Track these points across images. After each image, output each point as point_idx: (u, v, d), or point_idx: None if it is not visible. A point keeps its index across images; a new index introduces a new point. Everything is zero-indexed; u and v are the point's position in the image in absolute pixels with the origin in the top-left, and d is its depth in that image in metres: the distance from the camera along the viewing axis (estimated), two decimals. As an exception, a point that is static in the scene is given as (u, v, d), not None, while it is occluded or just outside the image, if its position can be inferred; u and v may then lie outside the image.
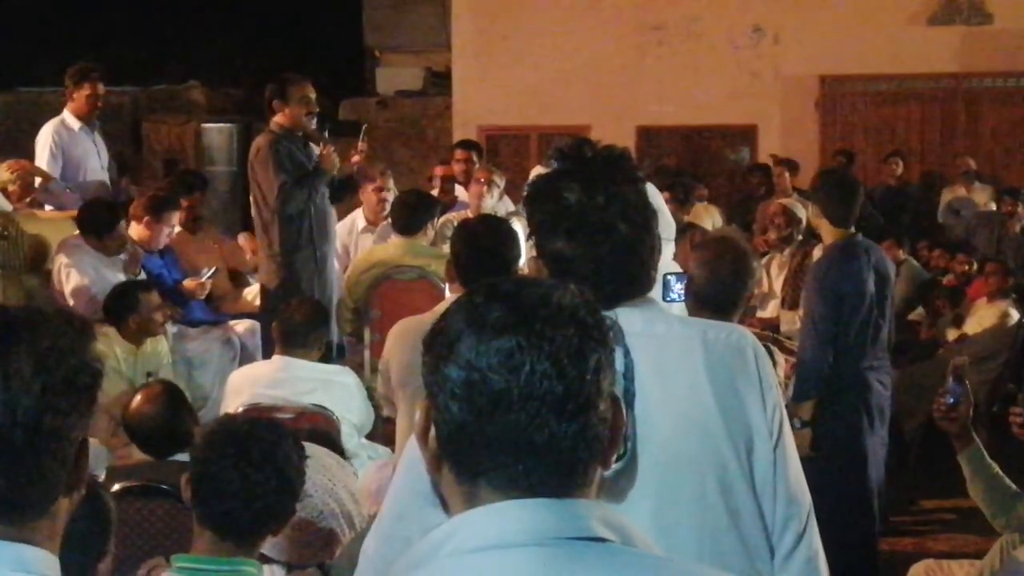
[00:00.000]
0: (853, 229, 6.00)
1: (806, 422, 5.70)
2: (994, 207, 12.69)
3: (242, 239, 9.71)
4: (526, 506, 1.56)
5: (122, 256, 7.62)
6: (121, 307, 6.73)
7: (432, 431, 1.64)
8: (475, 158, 10.19)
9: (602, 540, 1.56)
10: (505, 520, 1.56)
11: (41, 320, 1.78)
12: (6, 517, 1.71)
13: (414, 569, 1.59)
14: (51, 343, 1.74)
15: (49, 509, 1.76)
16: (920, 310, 9.99)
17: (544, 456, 1.57)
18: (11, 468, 1.70)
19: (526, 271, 5.97)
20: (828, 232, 6.00)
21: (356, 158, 7.91)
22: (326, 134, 7.65)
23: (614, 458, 2.25)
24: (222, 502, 3.12)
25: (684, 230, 8.31)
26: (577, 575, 1.52)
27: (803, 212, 8.98)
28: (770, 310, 8.79)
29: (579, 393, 1.58)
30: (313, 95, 7.56)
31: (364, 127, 8.13)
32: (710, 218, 10.93)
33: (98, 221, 7.52)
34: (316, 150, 7.56)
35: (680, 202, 9.53)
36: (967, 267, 10.12)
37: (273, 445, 3.20)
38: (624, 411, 2.27)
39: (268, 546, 3.54)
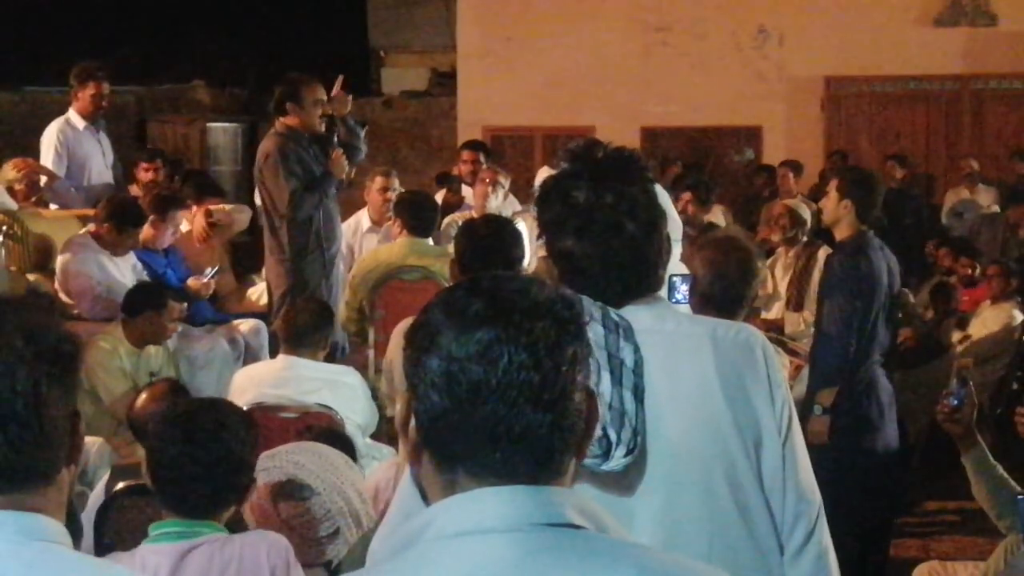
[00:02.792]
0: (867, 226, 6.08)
1: (827, 409, 5.75)
2: (997, 209, 12.68)
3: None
4: (502, 493, 1.62)
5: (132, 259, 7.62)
6: (144, 302, 6.72)
7: (413, 421, 1.69)
8: (482, 159, 10.19)
9: (576, 527, 1.61)
10: (482, 506, 1.61)
11: (17, 299, 1.87)
12: (17, 486, 1.78)
13: (396, 554, 1.66)
14: (33, 317, 1.83)
15: (55, 478, 1.83)
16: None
17: (520, 445, 1.63)
18: (17, 437, 1.77)
19: (531, 271, 5.98)
20: (848, 226, 6.04)
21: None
22: (335, 138, 7.56)
23: (623, 452, 2.29)
24: (180, 486, 3.26)
25: (705, 230, 8.32)
26: (551, 560, 1.57)
27: (808, 213, 8.98)
28: (774, 311, 8.78)
29: (555, 384, 1.63)
30: (325, 97, 7.50)
31: (364, 128, 8.04)
32: (713, 219, 10.92)
33: (131, 215, 7.53)
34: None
35: (702, 202, 9.54)
36: (970, 270, 10.11)
37: (218, 424, 3.31)
38: (632, 404, 2.32)
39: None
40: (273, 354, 6.89)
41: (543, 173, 8.18)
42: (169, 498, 3.28)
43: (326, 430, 4.99)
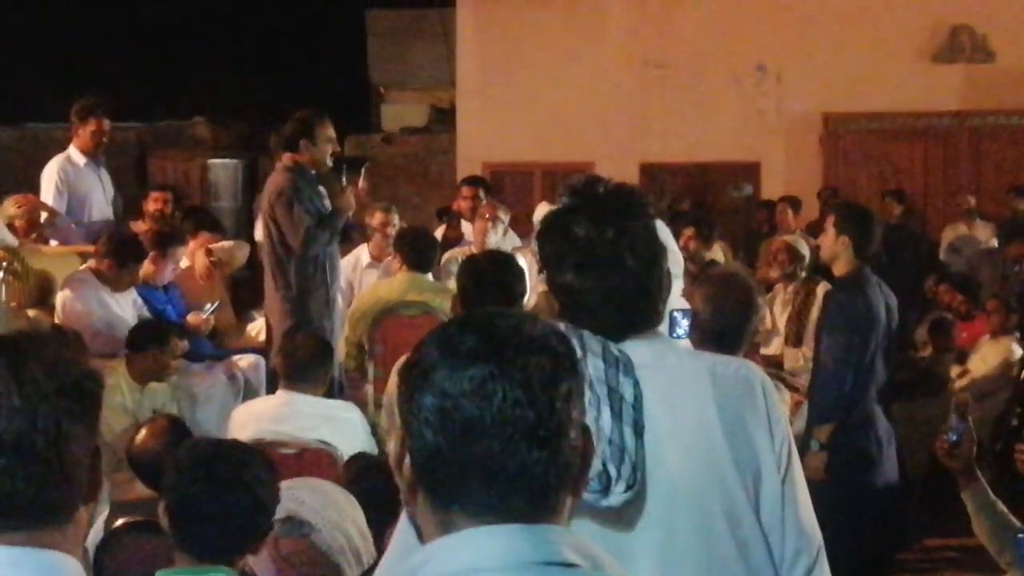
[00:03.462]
0: (865, 262, 6.09)
1: (824, 445, 5.75)
2: (995, 244, 12.69)
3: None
4: (498, 532, 1.60)
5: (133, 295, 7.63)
6: (148, 338, 6.72)
7: (407, 460, 1.68)
8: (481, 194, 10.20)
9: (572, 566, 1.59)
10: (478, 546, 1.60)
11: (42, 335, 1.87)
12: (36, 523, 1.76)
13: None
14: (56, 352, 1.81)
15: (74, 516, 1.81)
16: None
17: (516, 483, 1.61)
18: (37, 474, 1.75)
19: (532, 305, 5.99)
20: (846, 262, 6.05)
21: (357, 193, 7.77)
22: (343, 176, 7.50)
23: (623, 488, 2.29)
24: (198, 526, 3.18)
25: (706, 266, 8.35)
26: None
27: (806, 249, 8.99)
28: (773, 347, 8.79)
29: (550, 420, 1.62)
30: (335, 135, 7.46)
31: (365, 165, 7.95)
32: (714, 256, 10.93)
33: (131, 251, 7.54)
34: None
35: (704, 239, 9.57)
36: (964, 308, 10.11)
37: (242, 465, 3.26)
38: (632, 440, 2.31)
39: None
40: (273, 390, 6.88)
41: (542, 208, 8.18)
42: (186, 539, 3.21)
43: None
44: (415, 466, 1.66)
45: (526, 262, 6.42)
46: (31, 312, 7.67)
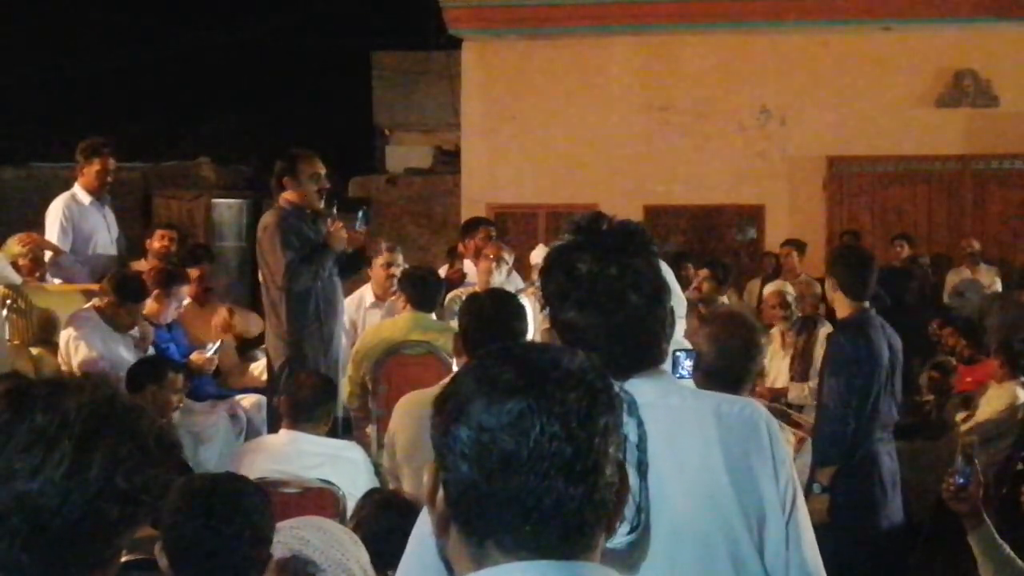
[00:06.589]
0: (867, 304, 6.08)
1: (826, 488, 5.73)
2: (999, 288, 12.67)
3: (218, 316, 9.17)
4: (533, 568, 1.59)
5: (134, 333, 7.63)
6: (146, 376, 6.71)
7: (440, 493, 1.66)
8: (493, 234, 10.18)
9: None
10: None
11: (134, 421, 1.76)
12: None
13: None
14: (129, 453, 1.74)
15: None
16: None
17: (552, 518, 1.60)
18: (39, 547, 1.70)
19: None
20: (844, 306, 6.06)
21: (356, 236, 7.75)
22: (335, 211, 7.55)
23: (627, 530, 2.26)
24: (198, 562, 3.16)
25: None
26: None
27: (804, 291, 9.08)
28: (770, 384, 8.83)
29: (587, 456, 1.60)
30: (323, 171, 7.46)
31: (363, 210, 7.89)
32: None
33: (135, 289, 7.54)
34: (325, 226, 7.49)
35: (719, 282, 9.59)
36: (967, 352, 10.10)
37: (238, 495, 3.25)
38: (635, 480, 2.29)
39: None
40: (272, 427, 6.86)
41: (539, 251, 8.17)
42: (187, 575, 3.19)
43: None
44: (449, 499, 1.65)
45: (528, 303, 6.42)
46: (34, 350, 7.68)
